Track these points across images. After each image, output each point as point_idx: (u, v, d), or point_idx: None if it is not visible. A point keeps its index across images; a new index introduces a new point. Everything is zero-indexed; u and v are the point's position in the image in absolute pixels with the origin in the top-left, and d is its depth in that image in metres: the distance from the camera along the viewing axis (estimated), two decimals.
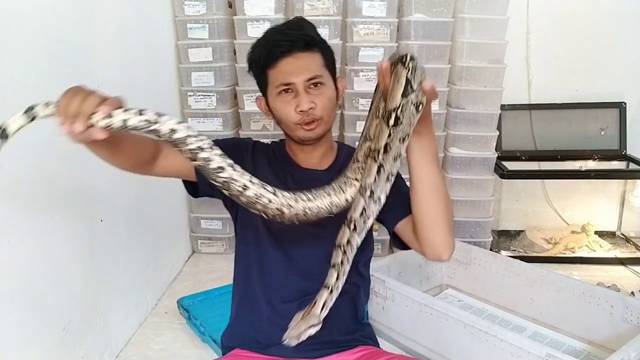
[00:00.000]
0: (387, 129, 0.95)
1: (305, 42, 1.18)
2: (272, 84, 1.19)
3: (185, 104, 2.55)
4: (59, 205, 1.57)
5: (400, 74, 0.94)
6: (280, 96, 1.19)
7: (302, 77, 1.16)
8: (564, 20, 2.73)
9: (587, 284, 2.00)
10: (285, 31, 1.20)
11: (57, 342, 1.57)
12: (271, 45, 1.18)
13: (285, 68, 1.17)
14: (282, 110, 1.19)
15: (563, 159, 2.81)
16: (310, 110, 1.16)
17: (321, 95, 1.18)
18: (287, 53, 1.17)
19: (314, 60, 1.19)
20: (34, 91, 1.46)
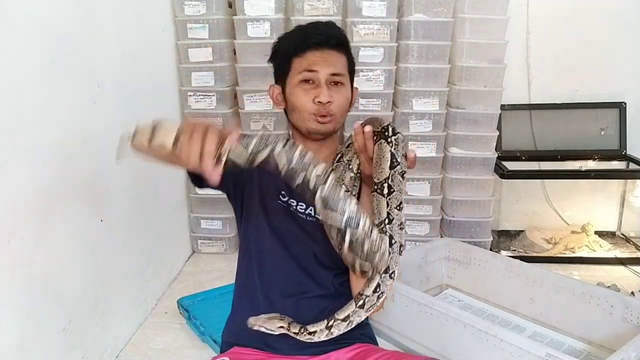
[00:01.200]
0: (384, 199, 1.02)
1: (338, 41, 1.24)
2: (295, 70, 1.22)
3: (185, 104, 2.55)
4: (59, 205, 1.57)
5: (384, 149, 1.03)
6: (300, 84, 1.21)
7: (327, 70, 1.20)
8: (564, 20, 2.73)
9: (587, 284, 2.00)
10: (321, 27, 1.25)
11: (57, 342, 1.57)
12: (305, 35, 1.23)
13: (313, 58, 1.20)
14: (300, 97, 1.21)
15: (563, 159, 2.81)
16: (328, 104, 1.19)
17: (339, 93, 1.21)
18: (318, 46, 1.21)
19: (340, 60, 1.24)
20: (35, 91, 1.46)
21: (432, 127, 2.53)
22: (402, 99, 2.51)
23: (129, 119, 2.06)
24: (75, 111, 1.66)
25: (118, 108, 1.94)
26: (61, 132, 1.58)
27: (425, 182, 2.58)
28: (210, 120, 1.08)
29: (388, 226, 1.01)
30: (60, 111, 1.58)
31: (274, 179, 1.21)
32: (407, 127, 2.53)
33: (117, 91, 1.93)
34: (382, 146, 1.03)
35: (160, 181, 2.36)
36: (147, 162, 1.33)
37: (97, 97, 1.78)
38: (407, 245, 2.61)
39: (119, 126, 1.95)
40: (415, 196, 2.60)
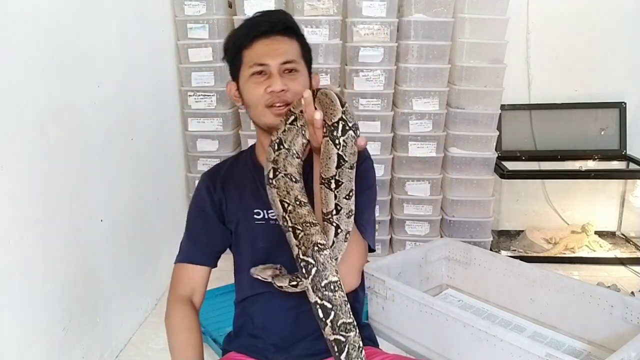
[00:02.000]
0: (331, 192, 0.98)
1: (285, 25, 1.15)
2: (246, 64, 1.15)
3: (185, 104, 2.55)
4: (59, 205, 1.57)
5: (331, 150, 0.96)
6: (252, 77, 1.14)
7: (277, 59, 1.13)
8: (564, 20, 2.74)
9: (587, 284, 2.00)
10: (265, 15, 1.18)
11: (57, 342, 1.57)
12: (250, 26, 1.16)
13: (261, 49, 1.13)
14: (252, 90, 1.14)
15: (563, 159, 2.81)
16: (282, 92, 1.12)
17: (295, 80, 1.14)
18: (265, 34, 1.13)
19: (292, 46, 1.16)
20: (35, 91, 1.46)
21: (432, 127, 2.53)
22: (402, 99, 2.51)
23: (129, 119, 2.08)
24: (76, 111, 1.66)
25: (118, 108, 1.94)
26: (61, 132, 1.58)
27: (425, 182, 2.59)
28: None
29: (335, 217, 0.99)
30: (61, 111, 1.58)
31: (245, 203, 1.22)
32: (407, 127, 2.53)
33: (117, 91, 1.93)
34: (329, 146, 0.96)
35: (161, 181, 2.36)
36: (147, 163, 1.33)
37: (97, 97, 1.78)
38: (407, 245, 2.64)
39: (119, 126, 1.95)
40: (415, 196, 2.60)
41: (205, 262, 1.28)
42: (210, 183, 1.27)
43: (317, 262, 0.93)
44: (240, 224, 1.24)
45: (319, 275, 0.93)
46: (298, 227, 0.96)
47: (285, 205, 0.99)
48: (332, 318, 0.93)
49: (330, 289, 0.93)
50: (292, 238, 0.97)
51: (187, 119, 2.56)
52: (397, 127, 2.56)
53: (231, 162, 1.31)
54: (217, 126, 2.56)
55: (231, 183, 1.26)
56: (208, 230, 1.26)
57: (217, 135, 2.57)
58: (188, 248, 1.30)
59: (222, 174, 1.28)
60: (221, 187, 1.26)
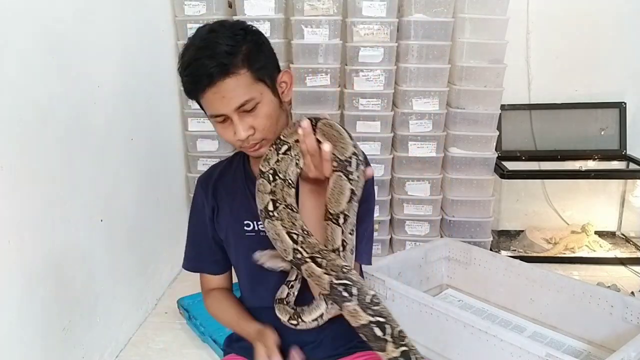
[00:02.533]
0: (339, 227, 0.96)
1: (222, 69, 1.04)
2: (206, 111, 1.12)
3: (185, 104, 2.55)
4: (59, 205, 1.57)
5: (344, 186, 0.95)
6: (217, 124, 1.11)
7: (230, 107, 1.06)
8: (564, 20, 2.73)
9: (587, 284, 2.00)
10: (200, 60, 1.06)
11: (57, 342, 1.57)
12: (191, 80, 1.09)
13: (211, 100, 1.07)
14: (223, 135, 1.12)
15: (563, 159, 2.81)
16: (250, 136, 1.08)
17: (258, 116, 1.07)
18: (208, 85, 1.05)
19: (239, 83, 1.05)
20: (35, 91, 1.46)
21: (432, 127, 2.53)
22: (402, 99, 2.51)
23: (129, 119, 2.08)
24: (76, 111, 1.66)
25: (118, 108, 1.94)
26: (61, 132, 1.58)
27: (425, 182, 2.59)
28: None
29: (342, 253, 0.96)
30: (60, 111, 1.58)
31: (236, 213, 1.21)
32: (407, 127, 2.53)
33: (117, 91, 1.93)
34: (342, 182, 0.94)
35: (161, 181, 2.36)
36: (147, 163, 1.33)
37: (97, 97, 1.78)
38: (407, 245, 2.64)
39: (119, 126, 1.95)
40: (415, 196, 2.60)
41: (221, 271, 1.32)
42: (202, 190, 1.27)
43: (354, 282, 0.89)
44: (230, 234, 1.23)
45: (362, 293, 0.89)
46: (317, 255, 0.92)
47: (294, 237, 0.95)
48: (391, 332, 0.87)
49: (375, 303, 0.89)
50: (314, 268, 0.92)
51: (187, 119, 2.56)
52: (397, 127, 2.56)
53: (224, 166, 1.29)
54: None
55: (222, 190, 1.25)
56: (211, 238, 1.28)
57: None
58: (199, 258, 1.31)
59: (213, 180, 1.27)
60: (212, 193, 1.25)
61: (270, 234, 0.97)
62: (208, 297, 1.34)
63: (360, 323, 0.88)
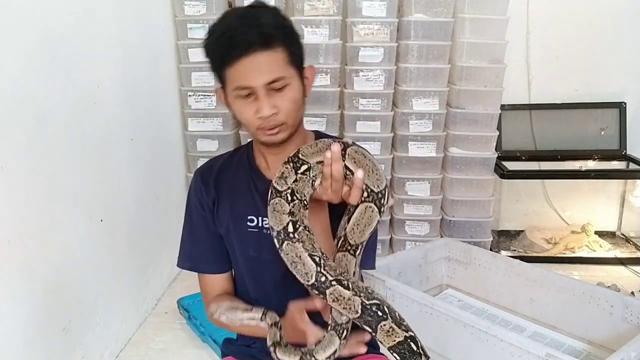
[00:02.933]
0: (354, 259, 0.95)
1: (266, 37, 1.02)
2: (230, 84, 1.06)
3: (185, 104, 2.55)
4: (59, 205, 1.57)
5: (373, 218, 0.95)
6: (239, 99, 1.06)
7: (262, 80, 1.02)
8: (564, 20, 2.73)
9: (587, 284, 2.00)
10: (241, 27, 1.02)
11: (57, 342, 1.57)
12: (227, 44, 1.03)
13: (243, 70, 1.02)
14: (242, 112, 1.07)
15: (563, 159, 2.81)
16: (272, 116, 1.04)
17: (284, 98, 1.05)
18: (244, 53, 1.01)
19: (276, 59, 1.03)
20: (35, 91, 1.46)
21: (432, 127, 2.53)
22: (402, 99, 2.51)
23: (129, 119, 2.08)
24: (76, 111, 1.66)
25: (118, 108, 1.94)
26: (61, 132, 1.58)
27: (425, 182, 2.58)
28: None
29: (352, 283, 0.92)
30: (60, 111, 1.58)
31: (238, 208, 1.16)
32: (407, 127, 2.53)
33: (117, 91, 1.93)
34: (373, 214, 0.94)
35: (161, 181, 2.36)
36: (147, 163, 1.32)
37: (97, 97, 1.78)
38: (407, 245, 2.64)
39: (119, 126, 1.95)
40: (415, 196, 2.60)
41: (220, 270, 1.23)
42: (202, 183, 1.20)
43: (382, 301, 0.89)
44: (230, 229, 1.18)
45: (392, 310, 0.89)
46: (342, 278, 0.91)
47: (316, 260, 0.91)
48: (421, 345, 0.91)
49: (402, 319, 0.90)
50: (342, 290, 0.89)
51: (187, 119, 2.56)
52: (397, 127, 2.56)
53: (225, 160, 1.24)
54: (217, 126, 2.56)
55: (224, 183, 1.19)
56: (211, 235, 1.21)
57: (217, 135, 2.57)
58: (197, 256, 1.24)
59: (214, 173, 1.21)
60: (214, 186, 1.20)
61: (290, 256, 0.92)
62: (210, 305, 1.20)
63: (398, 340, 0.89)
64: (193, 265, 1.24)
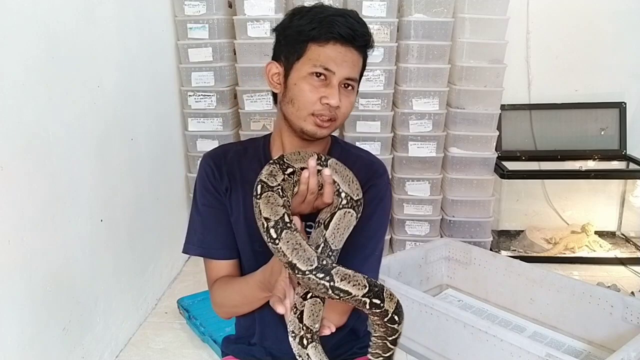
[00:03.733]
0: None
1: (364, 42, 1.08)
2: (309, 59, 1.05)
3: (185, 104, 2.55)
4: (59, 205, 1.57)
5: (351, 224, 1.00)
6: (310, 77, 1.05)
7: (344, 72, 1.06)
8: (564, 20, 2.74)
9: (587, 284, 2.00)
10: (349, 19, 1.06)
11: (57, 342, 1.57)
12: (331, 24, 1.04)
13: (333, 53, 1.04)
14: (307, 93, 1.06)
15: (563, 159, 2.81)
16: (336, 108, 1.07)
17: (348, 98, 1.09)
18: (342, 40, 1.04)
19: (359, 62, 1.09)
20: (34, 91, 1.46)
21: (432, 127, 2.53)
22: (402, 99, 2.51)
23: (129, 119, 2.08)
24: (76, 111, 1.66)
25: (118, 108, 1.94)
26: (61, 132, 1.58)
27: (425, 182, 2.59)
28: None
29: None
30: (61, 111, 1.58)
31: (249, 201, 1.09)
32: (407, 127, 2.53)
33: (117, 91, 1.93)
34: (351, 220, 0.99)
35: (161, 181, 2.36)
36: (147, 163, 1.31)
37: (97, 97, 1.78)
38: (407, 245, 2.63)
39: (119, 126, 1.95)
40: (415, 196, 2.60)
41: (230, 256, 1.19)
42: (215, 167, 1.17)
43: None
44: (240, 220, 1.17)
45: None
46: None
47: (313, 247, 0.94)
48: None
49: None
50: (346, 269, 0.91)
51: (187, 119, 2.56)
52: (397, 127, 2.56)
53: (238, 150, 1.21)
54: (217, 126, 2.56)
55: (237, 173, 1.17)
56: (222, 220, 1.18)
57: (217, 135, 2.57)
58: (210, 242, 1.18)
59: (228, 161, 1.18)
60: (227, 172, 1.17)
61: (290, 244, 0.92)
62: (214, 285, 1.19)
63: (396, 300, 0.96)
64: (204, 251, 1.18)
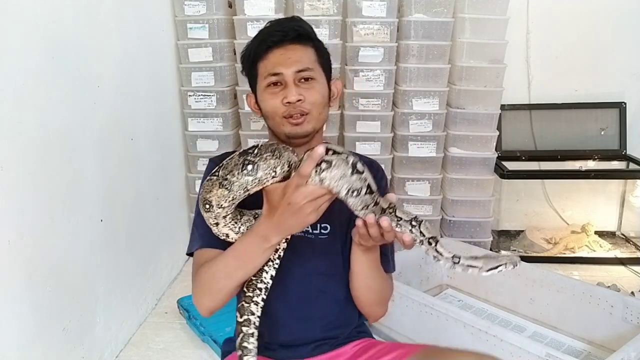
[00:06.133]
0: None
1: (297, 33, 1.14)
2: (261, 76, 1.15)
3: (185, 104, 2.55)
4: (59, 205, 1.57)
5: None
6: (268, 89, 1.14)
7: (291, 68, 1.12)
8: (564, 20, 2.74)
9: (587, 284, 2.00)
10: (277, 25, 1.17)
11: (57, 342, 1.57)
12: (263, 38, 1.15)
13: (275, 59, 1.13)
14: (269, 101, 1.14)
15: (563, 159, 2.81)
16: (298, 102, 1.11)
17: (311, 89, 1.13)
18: (278, 44, 1.13)
19: (306, 53, 1.15)
20: (34, 91, 1.46)
21: (432, 127, 2.53)
22: (402, 99, 2.51)
23: (129, 119, 2.08)
24: (75, 111, 1.66)
25: (118, 108, 1.94)
26: (61, 132, 1.58)
27: (425, 182, 2.58)
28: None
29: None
30: (60, 111, 1.58)
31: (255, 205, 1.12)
32: (407, 127, 2.53)
33: (117, 91, 1.93)
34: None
35: (160, 181, 2.36)
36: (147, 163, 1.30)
37: (97, 97, 1.78)
38: None
39: (119, 126, 1.95)
40: (415, 196, 2.60)
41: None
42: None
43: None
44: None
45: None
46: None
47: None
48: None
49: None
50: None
51: (187, 119, 2.56)
52: (397, 127, 2.56)
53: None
54: (217, 126, 2.56)
55: None
56: None
57: (217, 135, 2.57)
58: (209, 236, 1.15)
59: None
60: None
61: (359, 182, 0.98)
62: (200, 269, 1.14)
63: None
64: (203, 242, 1.18)
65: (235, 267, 1.07)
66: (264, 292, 1.09)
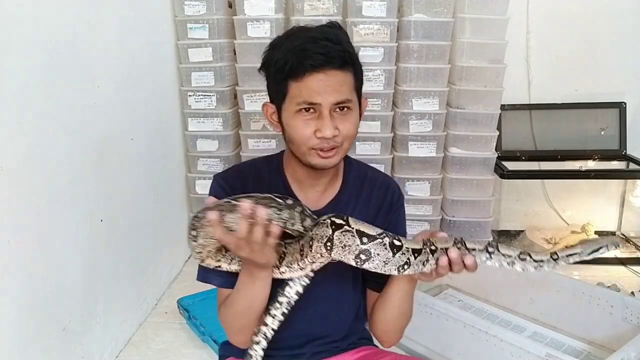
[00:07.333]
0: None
1: (343, 60, 1.02)
2: (293, 98, 1.03)
3: (185, 104, 2.55)
4: (59, 205, 1.57)
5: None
6: (299, 114, 1.03)
7: (330, 98, 1.01)
8: (564, 20, 2.73)
9: (587, 284, 2.00)
10: (321, 42, 1.01)
11: (57, 342, 1.57)
12: (302, 55, 1.00)
13: (313, 85, 1.00)
14: (300, 130, 1.03)
15: (563, 159, 2.81)
16: (333, 137, 1.02)
17: (347, 121, 1.04)
18: (319, 68, 1.00)
19: (346, 81, 1.03)
20: (34, 91, 1.46)
21: (432, 127, 2.53)
22: (402, 99, 2.51)
23: (129, 119, 2.08)
24: (75, 112, 1.66)
25: (118, 108, 1.94)
26: (61, 132, 1.58)
27: (425, 182, 2.58)
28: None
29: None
30: (60, 111, 1.58)
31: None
32: (407, 127, 2.53)
33: (117, 91, 1.93)
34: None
35: (160, 181, 2.36)
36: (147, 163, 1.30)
37: (97, 97, 1.78)
38: None
39: (119, 126, 1.95)
40: (415, 196, 2.60)
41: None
42: (230, 191, 1.11)
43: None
44: None
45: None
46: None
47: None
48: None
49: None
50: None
51: (187, 119, 2.56)
52: (397, 127, 2.56)
53: (256, 176, 1.16)
54: (217, 126, 2.56)
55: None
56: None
57: (217, 135, 2.57)
58: (225, 273, 1.13)
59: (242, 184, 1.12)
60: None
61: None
62: (220, 309, 1.17)
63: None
64: (224, 283, 1.17)
65: (246, 307, 1.08)
66: (285, 306, 1.06)
